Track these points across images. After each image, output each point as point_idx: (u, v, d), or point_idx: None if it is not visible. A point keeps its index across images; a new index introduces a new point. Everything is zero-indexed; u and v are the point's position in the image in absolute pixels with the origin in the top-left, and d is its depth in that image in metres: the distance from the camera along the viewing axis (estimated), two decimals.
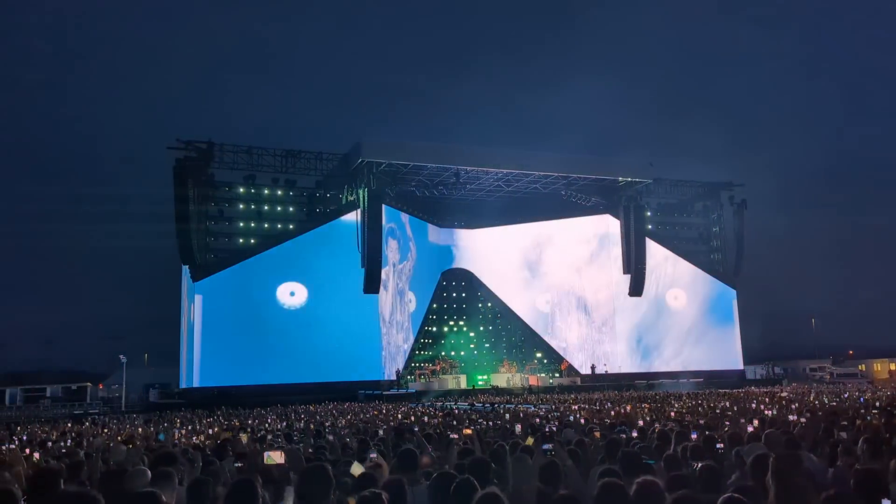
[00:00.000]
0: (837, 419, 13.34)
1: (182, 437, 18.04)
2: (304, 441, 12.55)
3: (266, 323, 52.90)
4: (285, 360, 52.41)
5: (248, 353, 51.92)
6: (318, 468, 5.28)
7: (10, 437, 20.38)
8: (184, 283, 55.17)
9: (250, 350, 51.96)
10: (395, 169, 55.45)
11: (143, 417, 35.67)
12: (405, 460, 6.85)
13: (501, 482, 6.23)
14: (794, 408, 19.28)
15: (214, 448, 11.58)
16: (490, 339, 69.10)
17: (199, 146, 52.64)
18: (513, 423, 14.45)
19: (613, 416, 19.34)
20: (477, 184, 59.25)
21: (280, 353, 52.50)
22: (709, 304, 68.21)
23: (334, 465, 6.73)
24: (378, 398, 46.53)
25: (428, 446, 10.02)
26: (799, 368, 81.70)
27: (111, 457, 10.79)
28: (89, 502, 3.83)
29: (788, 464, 4.92)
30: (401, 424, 17.22)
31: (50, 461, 10.45)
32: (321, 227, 55.75)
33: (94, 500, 3.84)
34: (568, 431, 12.67)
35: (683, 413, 19.33)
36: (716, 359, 66.43)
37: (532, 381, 58.94)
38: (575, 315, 66.96)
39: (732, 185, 69.05)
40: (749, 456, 5.81)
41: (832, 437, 9.17)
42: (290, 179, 57.23)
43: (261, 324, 52.70)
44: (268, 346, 52.22)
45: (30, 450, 15.15)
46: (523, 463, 6.18)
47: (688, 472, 6.26)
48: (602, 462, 7.35)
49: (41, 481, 5.79)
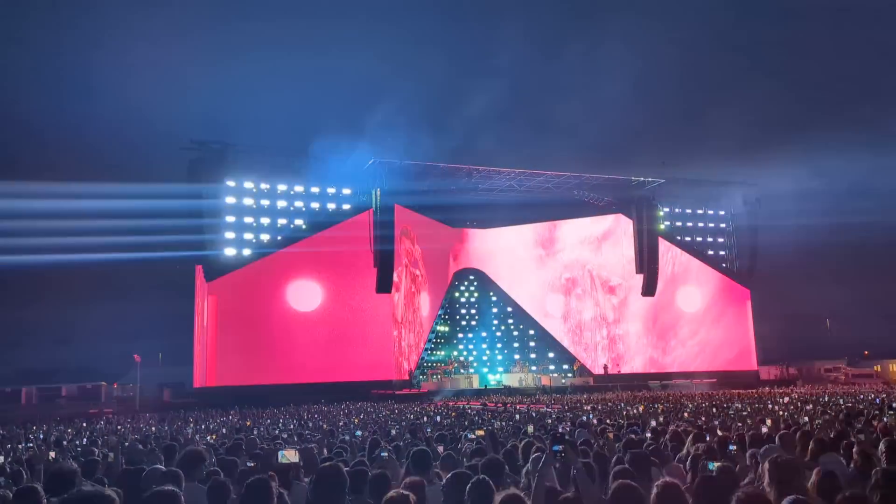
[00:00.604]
0: (853, 420, 13.27)
1: (196, 436, 18.14)
2: (319, 441, 12.59)
3: (279, 323, 53.11)
4: (298, 360, 52.61)
5: (261, 353, 52.14)
6: (332, 468, 5.30)
7: (27, 436, 20.55)
8: (197, 283, 55.45)
9: (263, 350, 52.18)
10: (408, 168, 55.51)
11: (158, 416, 35.84)
12: (419, 460, 6.87)
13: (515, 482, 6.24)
14: (808, 409, 19.18)
15: (228, 447, 11.64)
16: (502, 338, 69.09)
17: (212, 146, 52.94)
18: (525, 424, 14.44)
19: (625, 416, 19.30)
20: (489, 183, 59.24)
21: (293, 353, 52.70)
22: (722, 303, 67.88)
23: (349, 466, 6.75)
24: (390, 398, 46.57)
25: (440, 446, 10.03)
26: (814, 369, 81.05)
27: (126, 455, 10.86)
28: (105, 502, 3.85)
29: (789, 469, 4.91)
30: (413, 424, 17.25)
31: (67, 459, 10.54)
32: (334, 227, 55.88)
33: (111, 500, 3.86)
34: (581, 432, 12.66)
35: (697, 413, 19.24)
36: (730, 359, 66.14)
37: (544, 380, 58.86)
38: (587, 315, 66.81)
39: (746, 184, 68.68)
40: (764, 459, 5.78)
41: (847, 439, 9.11)
42: (303, 179, 57.38)
43: (274, 323, 52.92)
44: (280, 346, 52.42)
45: (45, 447, 15.30)
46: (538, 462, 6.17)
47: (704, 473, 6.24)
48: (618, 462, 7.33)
49: (58, 481, 5.83)
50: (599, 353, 65.25)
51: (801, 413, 17.43)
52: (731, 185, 69.52)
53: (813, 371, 79.78)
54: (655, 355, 65.43)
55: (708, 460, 6.04)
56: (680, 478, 6.10)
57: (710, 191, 70.36)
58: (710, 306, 67.50)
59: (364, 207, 55.52)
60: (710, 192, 70.35)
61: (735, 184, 69.25)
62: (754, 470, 6.43)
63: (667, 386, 55.02)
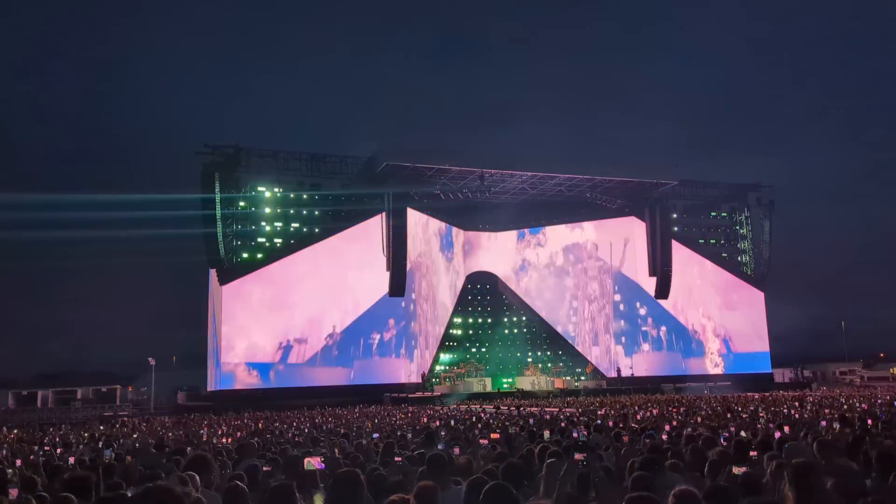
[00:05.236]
0: (869, 425, 13.13)
1: (213, 438, 18.21)
2: (336, 445, 12.59)
3: (292, 325, 53.25)
4: (311, 363, 52.75)
5: (274, 356, 52.32)
6: (349, 473, 5.30)
7: (43, 440, 20.66)
8: (211, 286, 55.69)
9: (277, 353, 52.37)
10: (420, 172, 55.51)
11: (172, 419, 35.98)
12: (435, 465, 6.84)
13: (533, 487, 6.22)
14: (826, 413, 19.02)
15: (238, 448, 11.68)
16: (515, 341, 68.90)
17: (225, 151, 53.18)
18: (540, 428, 14.39)
19: (640, 419, 19.19)
20: (501, 186, 59.11)
21: (306, 357, 52.85)
22: (736, 306, 67.49)
23: (365, 471, 6.75)
24: (403, 401, 46.58)
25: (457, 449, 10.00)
26: (828, 372, 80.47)
27: (140, 459, 10.90)
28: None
29: (807, 472, 4.86)
30: (428, 428, 17.22)
31: (84, 463, 10.59)
32: (346, 231, 55.97)
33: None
34: (596, 436, 12.60)
35: (712, 417, 19.11)
36: (744, 362, 65.74)
37: (558, 383, 58.69)
38: (601, 317, 66.58)
39: (760, 187, 68.34)
40: (784, 463, 5.73)
41: (864, 444, 9.02)
42: (316, 183, 57.55)
43: (287, 326, 53.07)
44: (294, 349, 52.57)
45: (62, 450, 15.41)
46: (555, 469, 6.14)
47: (723, 478, 6.20)
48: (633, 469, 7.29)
49: (74, 488, 5.81)
50: (613, 355, 64.98)
51: (817, 417, 17.27)
52: (745, 188, 69.21)
53: (828, 374, 79.18)
54: (669, 358, 65.11)
55: (731, 465, 6.00)
56: (697, 483, 6.06)
57: (724, 193, 70.07)
58: (724, 309, 67.14)
59: (377, 211, 55.57)
60: (724, 194, 70.06)
61: (749, 186, 68.95)
62: (772, 475, 6.38)
63: (681, 389, 54.68)
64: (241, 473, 6.89)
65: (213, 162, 52.25)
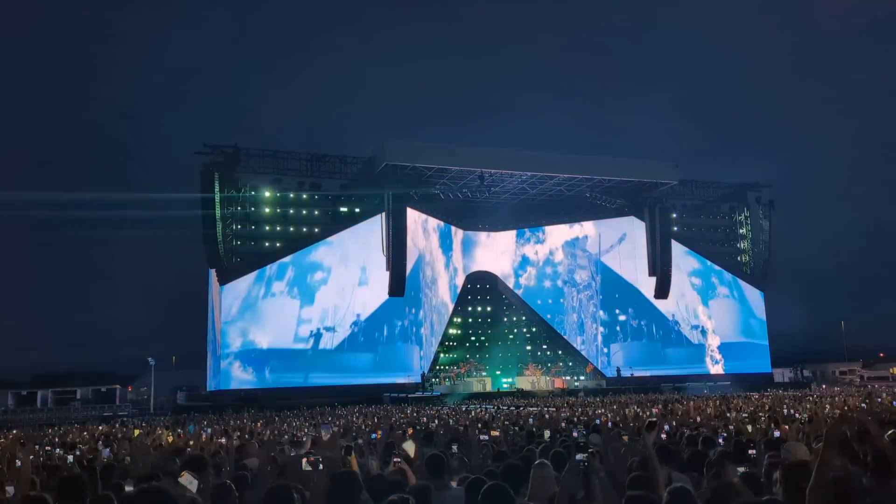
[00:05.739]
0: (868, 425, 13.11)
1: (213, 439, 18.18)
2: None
3: (292, 325, 53.23)
4: (311, 363, 52.73)
5: (274, 356, 52.31)
6: (346, 474, 5.31)
7: (42, 440, 20.64)
8: (211, 286, 55.68)
9: (277, 353, 52.35)
10: (420, 172, 55.52)
11: (172, 419, 35.97)
12: (433, 465, 6.84)
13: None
14: (825, 412, 19.00)
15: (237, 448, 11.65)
16: (515, 341, 68.91)
17: (225, 150, 53.19)
18: (539, 428, 14.37)
19: (638, 419, 19.16)
20: (501, 186, 59.14)
21: (305, 356, 52.83)
22: (736, 306, 67.52)
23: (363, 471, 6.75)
24: (403, 401, 46.57)
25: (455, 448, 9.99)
26: (828, 371, 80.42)
27: (138, 461, 10.88)
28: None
29: (798, 474, 4.87)
30: (427, 427, 17.22)
31: (81, 465, 10.58)
32: (346, 231, 56.01)
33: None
34: (594, 436, 12.59)
35: (711, 416, 19.10)
36: (743, 361, 65.73)
37: (557, 383, 58.71)
38: (600, 317, 66.56)
39: (760, 186, 68.36)
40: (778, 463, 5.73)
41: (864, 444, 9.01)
42: (315, 183, 57.57)
43: (287, 326, 53.05)
44: (293, 350, 52.56)
45: (62, 451, 15.40)
46: (540, 472, 6.06)
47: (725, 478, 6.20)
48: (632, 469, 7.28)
49: (68, 490, 5.77)
50: (612, 355, 64.97)
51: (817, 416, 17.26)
52: (745, 187, 69.23)
53: (827, 373, 79.16)
54: (668, 358, 65.10)
55: (731, 464, 6.00)
56: (696, 482, 6.06)
57: (723, 192, 70.09)
58: (724, 308, 67.15)
59: (376, 211, 55.58)
60: (724, 193, 70.08)
61: (749, 185, 68.97)
62: (766, 475, 6.39)
63: (680, 388, 54.67)
64: (238, 474, 6.89)
65: (213, 162, 52.26)
